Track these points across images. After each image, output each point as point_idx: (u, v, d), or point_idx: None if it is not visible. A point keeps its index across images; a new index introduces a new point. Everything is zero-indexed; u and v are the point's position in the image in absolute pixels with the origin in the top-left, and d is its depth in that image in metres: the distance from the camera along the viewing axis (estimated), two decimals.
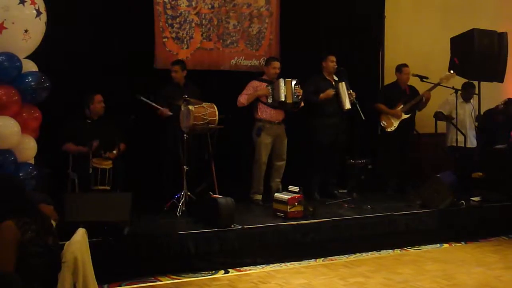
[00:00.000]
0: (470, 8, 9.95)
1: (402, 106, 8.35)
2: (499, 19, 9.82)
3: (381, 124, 8.45)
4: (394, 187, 8.47)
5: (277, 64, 7.61)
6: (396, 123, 8.39)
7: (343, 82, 7.78)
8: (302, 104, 7.61)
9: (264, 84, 7.58)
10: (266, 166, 7.68)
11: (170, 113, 7.11)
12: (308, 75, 7.94)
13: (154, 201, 7.02)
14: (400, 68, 8.52)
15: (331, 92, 7.81)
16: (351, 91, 7.76)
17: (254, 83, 7.62)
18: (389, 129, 8.41)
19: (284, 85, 7.44)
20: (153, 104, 6.99)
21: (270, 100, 7.50)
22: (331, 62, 7.93)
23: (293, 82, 7.46)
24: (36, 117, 5.75)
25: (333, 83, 7.94)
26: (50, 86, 5.73)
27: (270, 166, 7.74)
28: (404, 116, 8.38)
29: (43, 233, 3.79)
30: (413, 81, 8.43)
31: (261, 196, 7.64)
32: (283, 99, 7.42)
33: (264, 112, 7.58)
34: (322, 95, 7.81)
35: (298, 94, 7.46)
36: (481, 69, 8.33)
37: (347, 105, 7.74)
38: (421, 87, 8.38)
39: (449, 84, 8.20)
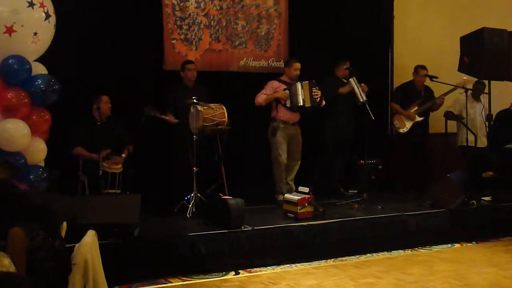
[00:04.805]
0: (479, 7, 9.90)
1: (416, 108, 8.33)
2: (509, 18, 9.76)
3: (394, 124, 8.44)
4: (404, 187, 8.45)
5: (298, 65, 7.59)
6: (409, 125, 8.37)
7: (353, 77, 7.79)
8: (324, 103, 7.64)
9: (283, 86, 7.56)
10: None
11: (177, 121, 7.13)
12: (318, 75, 7.94)
13: (164, 203, 7.03)
14: (417, 69, 8.50)
15: (348, 87, 7.91)
16: (362, 84, 7.78)
17: (274, 84, 7.60)
18: (401, 130, 8.39)
19: (302, 88, 7.43)
20: (160, 117, 7.00)
21: (288, 104, 7.49)
22: (344, 70, 8.01)
23: (311, 85, 7.46)
24: (46, 119, 5.77)
25: (346, 82, 8.02)
26: (59, 89, 5.76)
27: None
28: (418, 119, 8.36)
29: (51, 237, 3.80)
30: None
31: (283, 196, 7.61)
32: (301, 104, 7.41)
33: (281, 113, 7.55)
34: (341, 89, 7.93)
35: (316, 96, 7.46)
36: (492, 68, 8.26)
37: (361, 98, 7.69)
38: (435, 88, 8.34)
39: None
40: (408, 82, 8.76)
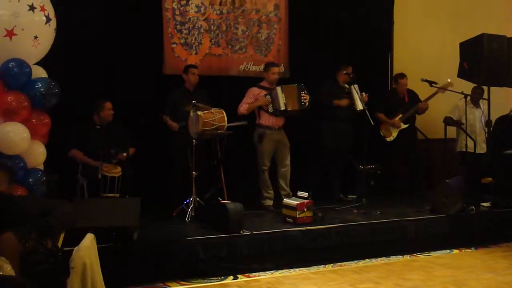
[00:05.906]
0: (479, 13, 9.92)
1: (400, 115, 8.35)
2: (508, 24, 9.79)
3: (381, 133, 8.44)
4: (401, 193, 8.45)
5: (276, 69, 7.60)
6: (395, 133, 8.39)
7: (356, 84, 7.78)
8: (309, 106, 7.58)
9: (263, 92, 7.55)
10: (274, 172, 7.67)
11: (177, 126, 7.16)
12: (317, 80, 7.96)
13: (163, 207, 7.04)
14: (396, 79, 8.59)
15: (345, 102, 7.87)
16: (363, 93, 7.76)
17: (254, 91, 7.59)
18: (388, 139, 8.42)
19: (282, 92, 7.40)
20: (164, 117, 7.16)
21: (270, 110, 7.48)
22: (344, 75, 7.93)
23: (299, 88, 7.43)
24: (45, 123, 5.77)
25: (346, 89, 7.98)
26: (59, 92, 5.76)
27: (276, 172, 7.73)
28: (403, 126, 8.37)
29: (43, 238, 3.80)
30: (422, 86, 8.38)
31: (271, 201, 7.62)
32: (283, 108, 7.38)
33: (264, 119, 7.56)
34: (336, 102, 7.88)
35: (304, 100, 7.44)
36: (491, 74, 8.27)
37: (360, 106, 7.70)
38: (427, 92, 8.34)
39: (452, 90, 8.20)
40: (390, 90, 8.83)
